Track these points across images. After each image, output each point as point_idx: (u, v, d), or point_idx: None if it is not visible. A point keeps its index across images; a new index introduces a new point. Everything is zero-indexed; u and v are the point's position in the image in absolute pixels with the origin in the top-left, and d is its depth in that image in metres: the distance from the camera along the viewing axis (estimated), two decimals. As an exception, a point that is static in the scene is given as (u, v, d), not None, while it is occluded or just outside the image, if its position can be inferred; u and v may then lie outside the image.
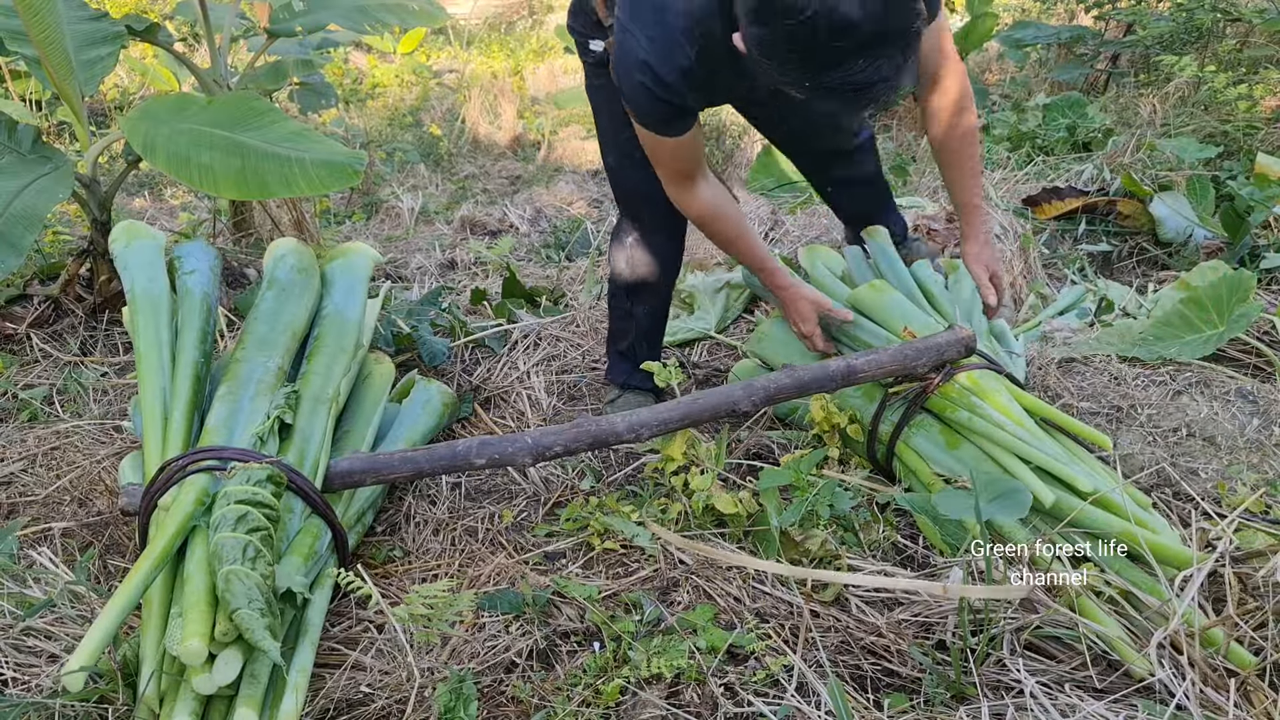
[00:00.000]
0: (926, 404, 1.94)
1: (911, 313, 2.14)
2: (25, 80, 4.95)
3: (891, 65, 1.41)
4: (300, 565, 1.56)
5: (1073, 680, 1.42)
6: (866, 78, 1.40)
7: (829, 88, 1.43)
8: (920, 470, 1.91)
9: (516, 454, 1.81)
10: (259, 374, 1.86)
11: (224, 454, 1.62)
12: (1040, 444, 1.78)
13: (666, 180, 2.00)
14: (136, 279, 2.00)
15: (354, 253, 2.29)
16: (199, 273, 2.07)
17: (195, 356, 1.87)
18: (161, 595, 1.48)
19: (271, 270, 2.15)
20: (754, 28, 1.45)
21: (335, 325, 2.08)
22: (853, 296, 2.23)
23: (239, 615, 1.34)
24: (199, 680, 1.33)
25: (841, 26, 1.35)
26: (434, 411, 2.22)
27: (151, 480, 1.62)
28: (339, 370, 1.97)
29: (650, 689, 1.43)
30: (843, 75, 1.40)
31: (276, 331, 1.99)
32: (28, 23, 2.45)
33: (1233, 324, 2.31)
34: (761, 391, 1.91)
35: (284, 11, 3.48)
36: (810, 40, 1.37)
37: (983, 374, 1.92)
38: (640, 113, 1.86)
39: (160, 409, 1.76)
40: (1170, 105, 4.31)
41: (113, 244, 2.12)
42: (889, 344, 2.02)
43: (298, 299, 2.09)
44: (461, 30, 8.68)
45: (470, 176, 5.43)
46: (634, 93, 1.81)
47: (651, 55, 1.75)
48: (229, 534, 1.42)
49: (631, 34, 1.77)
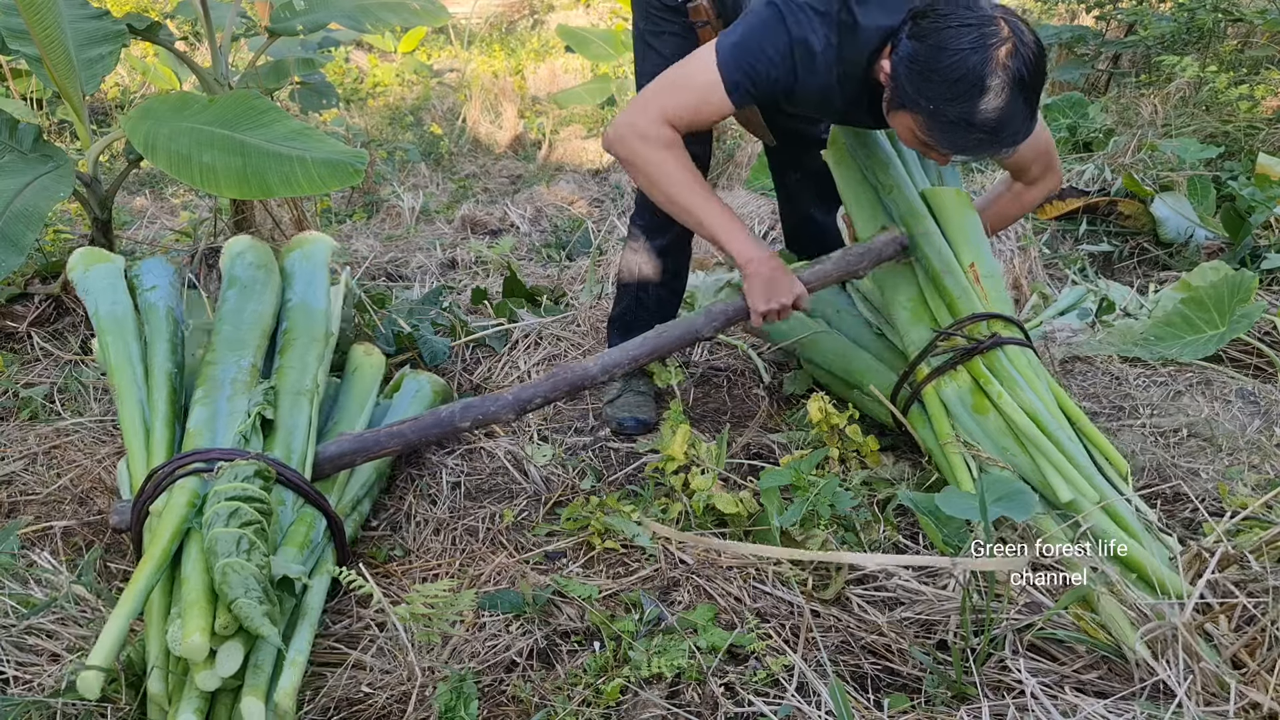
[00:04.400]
0: (969, 366, 1.92)
1: (981, 243, 2.04)
2: (26, 79, 4.95)
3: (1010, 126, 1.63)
4: (296, 554, 1.58)
5: (1074, 681, 1.42)
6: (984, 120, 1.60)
7: (949, 119, 1.61)
8: (939, 422, 1.91)
9: (500, 411, 1.87)
10: (233, 374, 1.86)
11: (209, 455, 1.62)
12: (1061, 438, 1.78)
13: (661, 106, 1.82)
14: (100, 302, 2.01)
15: (310, 242, 2.28)
16: (160, 288, 2.08)
17: (168, 368, 1.88)
18: (161, 599, 1.49)
19: (230, 269, 2.14)
20: (914, 41, 1.63)
21: (302, 316, 2.07)
22: (931, 193, 2.09)
23: (237, 605, 1.35)
24: (202, 676, 1.34)
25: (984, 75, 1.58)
26: (425, 400, 2.21)
27: (140, 490, 1.62)
28: (313, 360, 1.97)
29: (651, 689, 1.43)
30: (965, 110, 1.60)
31: (244, 330, 1.98)
32: (29, 21, 2.45)
33: (1234, 324, 2.31)
34: (721, 316, 1.98)
35: (285, 10, 3.48)
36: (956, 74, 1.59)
37: (1029, 357, 1.92)
38: (748, 72, 1.76)
39: (140, 422, 1.77)
40: (1171, 105, 4.31)
41: (70, 271, 2.13)
42: (946, 264, 1.98)
43: (260, 295, 2.08)
44: (462, 29, 8.68)
45: (471, 176, 5.43)
46: (768, 55, 1.75)
47: (820, 48, 1.73)
48: (222, 529, 1.44)
49: (805, 12, 1.73)
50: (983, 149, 1.67)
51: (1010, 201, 2.19)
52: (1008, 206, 2.21)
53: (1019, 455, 1.81)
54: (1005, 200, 2.20)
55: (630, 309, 2.44)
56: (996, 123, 1.60)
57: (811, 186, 2.50)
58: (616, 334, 2.47)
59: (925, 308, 2.02)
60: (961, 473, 1.83)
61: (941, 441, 1.88)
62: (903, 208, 2.06)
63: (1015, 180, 2.15)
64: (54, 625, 1.57)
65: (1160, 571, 1.56)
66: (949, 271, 1.98)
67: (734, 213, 1.94)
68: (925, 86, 1.62)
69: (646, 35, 2.18)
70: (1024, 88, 1.60)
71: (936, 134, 1.66)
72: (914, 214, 2.04)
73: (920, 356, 1.98)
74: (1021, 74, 1.59)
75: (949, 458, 1.87)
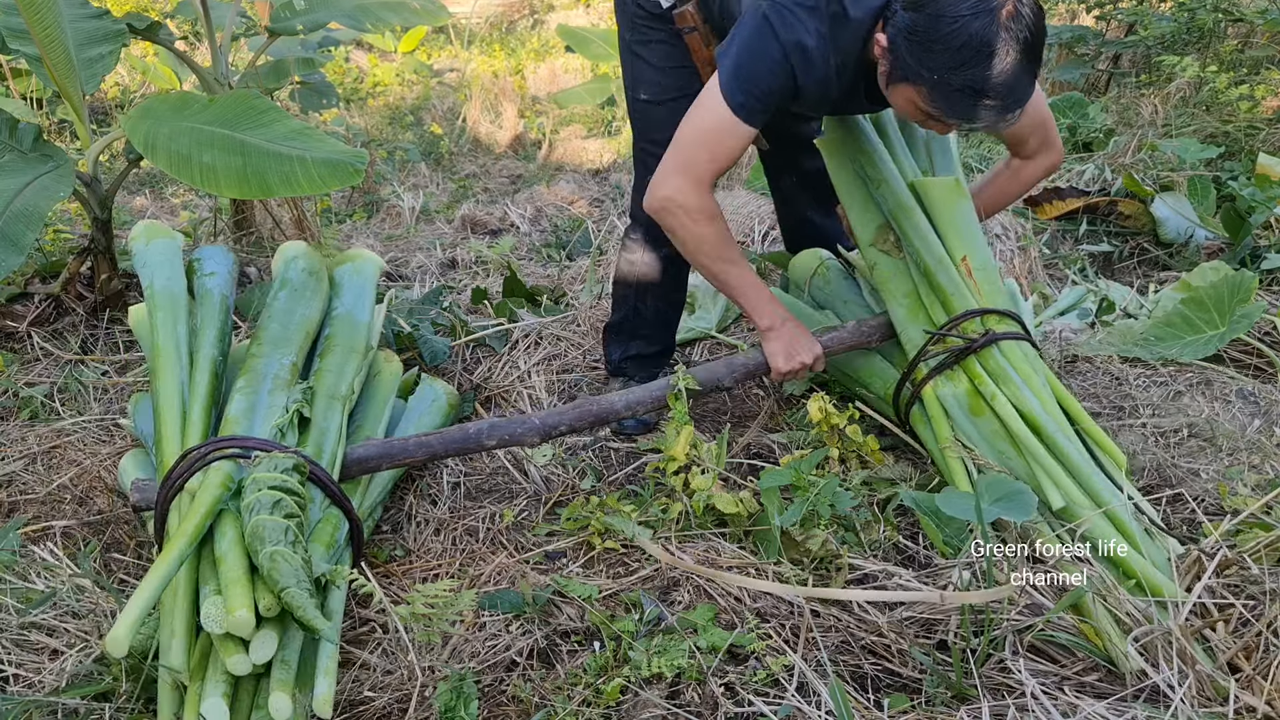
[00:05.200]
0: (964, 365, 1.91)
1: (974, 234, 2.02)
2: (26, 78, 4.95)
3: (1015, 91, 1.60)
4: (323, 553, 1.59)
5: (1074, 682, 1.42)
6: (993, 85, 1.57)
7: (955, 87, 1.59)
8: (938, 424, 1.91)
9: (526, 434, 1.93)
10: (275, 369, 1.89)
11: (247, 443, 1.65)
12: (1057, 440, 1.77)
13: (693, 169, 1.87)
14: (156, 276, 2.04)
15: (362, 259, 2.34)
16: (219, 275, 2.13)
17: (214, 354, 1.91)
18: (186, 577, 1.49)
19: (283, 271, 2.19)
20: (910, 12, 1.60)
21: (346, 326, 2.11)
22: (920, 184, 2.06)
23: (289, 594, 1.36)
24: (235, 660, 1.35)
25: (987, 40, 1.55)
26: (440, 410, 2.25)
27: (171, 469, 1.63)
28: (351, 370, 2.01)
29: (651, 689, 1.43)
30: (972, 77, 1.57)
31: (290, 330, 2.02)
32: (29, 21, 2.45)
33: (1234, 325, 2.31)
34: (742, 369, 2.09)
35: (285, 10, 3.48)
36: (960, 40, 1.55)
37: (1025, 351, 1.91)
38: (751, 91, 1.78)
39: (179, 402, 1.79)
40: (1171, 105, 4.31)
41: (132, 241, 2.18)
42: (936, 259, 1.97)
43: (310, 300, 2.13)
44: (462, 29, 8.67)
45: (471, 175, 5.42)
46: (765, 68, 1.76)
47: (814, 43, 1.73)
48: (268, 517, 1.45)
49: (793, 13, 1.73)
50: (990, 115, 1.63)
51: (1009, 179, 2.15)
52: (1007, 184, 2.17)
53: (1014, 459, 1.81)
54: (1004, 179, 2.16)
55: (628, 319, 2.41)
56: (1004, 87, 1.57)
57: (808, 189, 2.49)
58: (614, 343, 2.45)
59: (920, 305, 2.01)
60: (960, 477, 1.83)
61: (941, 445, 1.88)
62: (891, 202, 2.04)
63: (1014, 155, 2.11)
64: (55, 622, 1.57)
65: (1155, 576, 1.56)
66: (941, 267, 1.96)
67: (760, 279, 2.04)
68: (927, 57, 1.59)
69: (634, 45, 2.16)
70: (1028, 49, 1.57)
71: (941, 104, 1.63)
72: (902, 208, 2.02)
73: (918, 357, 1.97)
74: (1025, 35, 1.56)
75: (948, 461, 1.87)
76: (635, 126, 2.25)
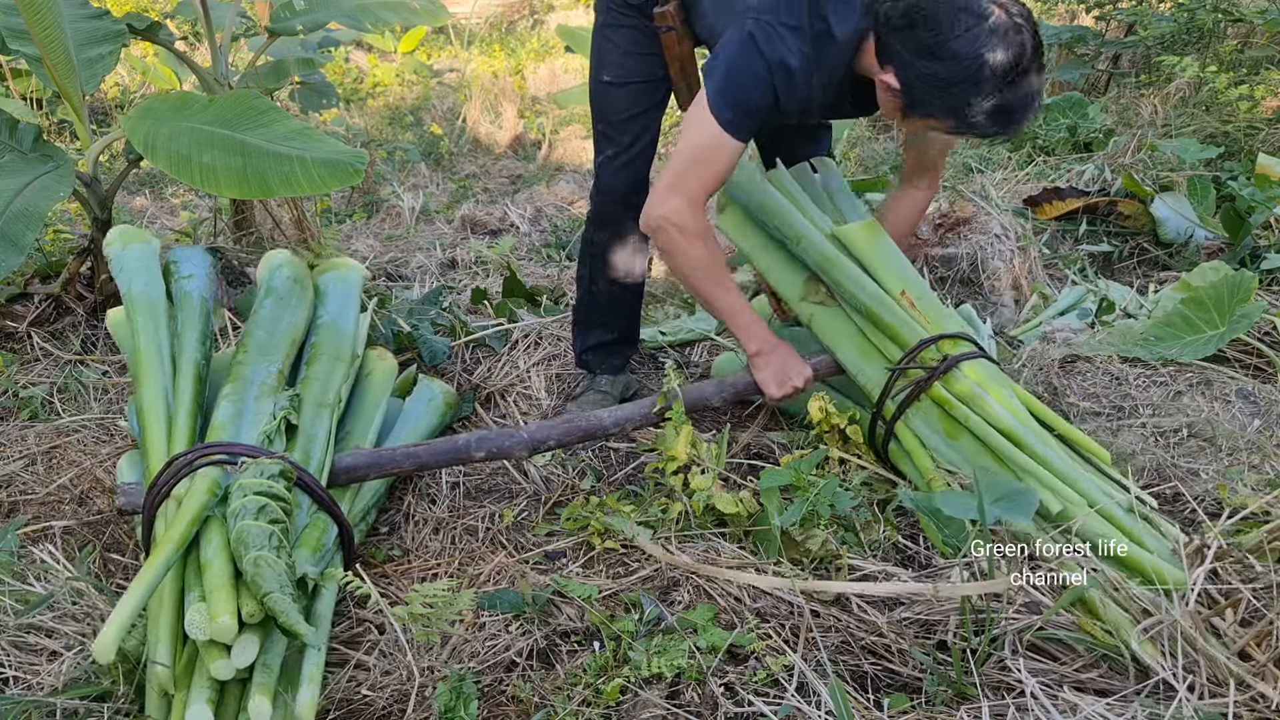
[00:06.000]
0: (930, 393, 1.91)
1: (905, 268, 2.04)
2: (26, 79, 4.95)
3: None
4: (309, 557, 1.58)
5: (1074, 681, 1.42)
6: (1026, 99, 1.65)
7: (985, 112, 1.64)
8: (918, 457, 1.90)
9: (514, 447, 1.93)
10: (261, 377, 1.89)
11: (233, 449, 1.65)
12: (1038, 449, 1.77)
13: (686, 188, 1.88)
14: (133, 281, 2.02)
15: (345, 266, 2.33)
16: (197, 277, 2.10)
17: (196, 358, 1.90)
18: (171, 583, 1.49)
19: (268, 279, 2.17)
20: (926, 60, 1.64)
21: (331, 334, 2.10)
22: (841, 233, 2.05)
23: (271, 599, 1.36)
24: (218, 665, 1.35)
25: None
26: (437, 410, 2.24)
27: (157, 475, 1.63)
28: (338, 377, 2.00)
29: (650, 689, 1.43)
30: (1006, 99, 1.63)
31: (276, 338, 2.01)
32: (29, 21, 2.45)
33: (1234, 324, 2.31)
34: (731, 389, 2.11)
35: (285, 10, 3.48)
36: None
37: (986, 369, 1.91)
38: (738, 107, 1.80)
39: (164, 408, 1.78)
40: (1171, 106, 4.31)
41: (108, 247, 2.14)
42: (876, 299, 1.96)
43: (295, 308, 2.12)
44: (462, 29, 8.67)
45: (471, 176, 5.42)
46: (750, 85, 1.79)
47: (797, 63, 1.77)
48: (252, 522, 1.45)
49: (777, 32, 1.76)
50: (1020, 125, 1.70)
51: (910, 206, 2.19)
52: (909, 213, 2.20)
53: (1001, 473, 1.80)
54: (904, 207, 2.19)
55: (584, 302, 2.47)
56: (1035, 96, 1.65)
57: None
58: (578, 333, 2.51)
59: (871, 345, 2.01)
60: None
61: (926, 478, 1.88)
62: (815, 255, 2.04)
63: (909, 181, 2.15)
64: (53, 623, 1.57)
65: (1160, 567, 1.56)
66: (882, 305, 1.97)
67: (750, 305, 2.05)
68: (949, 98, 1.64)
69: (605, 29, 2.19)
70: (1035, 53, 1.63)
71: (970, 130, 1.70)
72: (828, 259, 2.02)
73: (883, 396, 1.97)
74: (1032, 42, 1.62)
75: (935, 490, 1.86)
76: (594, 106, 2.26)
